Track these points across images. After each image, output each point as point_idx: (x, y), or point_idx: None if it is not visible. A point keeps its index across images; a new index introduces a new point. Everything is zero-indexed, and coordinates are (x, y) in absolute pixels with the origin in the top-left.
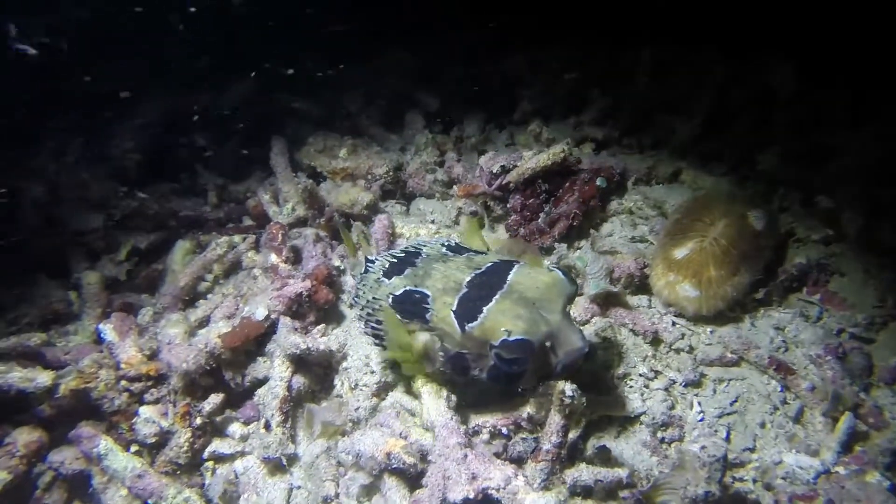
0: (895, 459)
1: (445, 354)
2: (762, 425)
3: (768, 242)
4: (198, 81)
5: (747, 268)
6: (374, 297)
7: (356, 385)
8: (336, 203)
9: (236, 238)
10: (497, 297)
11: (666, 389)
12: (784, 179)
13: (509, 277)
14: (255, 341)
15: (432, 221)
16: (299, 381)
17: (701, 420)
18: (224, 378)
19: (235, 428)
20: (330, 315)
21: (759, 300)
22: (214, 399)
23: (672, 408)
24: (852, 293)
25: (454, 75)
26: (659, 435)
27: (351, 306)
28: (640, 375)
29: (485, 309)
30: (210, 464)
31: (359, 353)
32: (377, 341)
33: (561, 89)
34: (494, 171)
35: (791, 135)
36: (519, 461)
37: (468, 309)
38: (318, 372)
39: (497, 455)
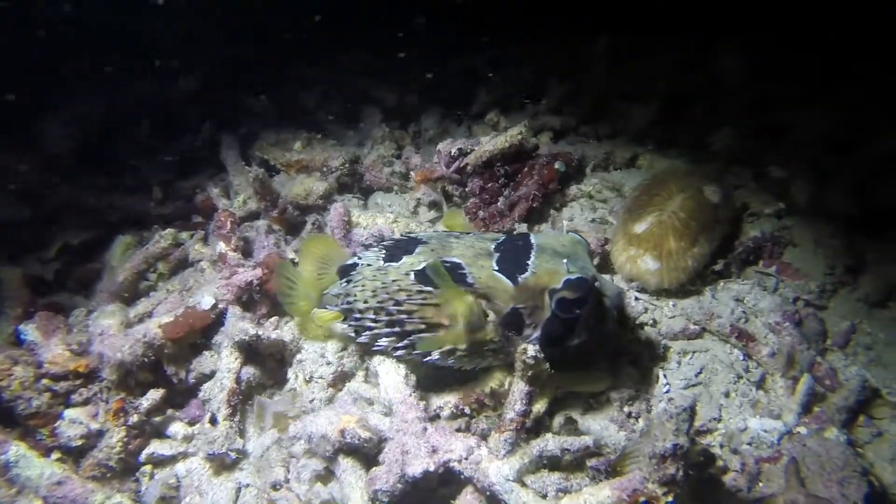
0: (851, 416)
1: (497, 315)
2: (727, 394)
3: (725, 214)
4: (144, 74)
5: (706, 239)
6: (383, 283)
7: (311, 377)
8: (290, 195)
9: (184, 234)
10: (533, 253)
11: (632, 364)
12: (737, 158)
13: (532, 240)
14: (201, 333)
15: (391, 212)
16: (249, 371)
17: (667, 392)
18: (165, 373)
19: (178, 428)
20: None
21: (718, 272)
22: (154, 395)
23: (639, 382)
24: (805, 263)
25: (413, 72)
26: (626, 409)
27: (347, 314)
28: (606, 352)
29: (529, 262)
30: (147, 468)
31: (314, 344)
32: (394, 329)
33: (519, 81)
34: (452, 154)
35: (743, 116)
36: (483, 437)
37: (512, 265)
38: (271, 365)
39: (459, 431)
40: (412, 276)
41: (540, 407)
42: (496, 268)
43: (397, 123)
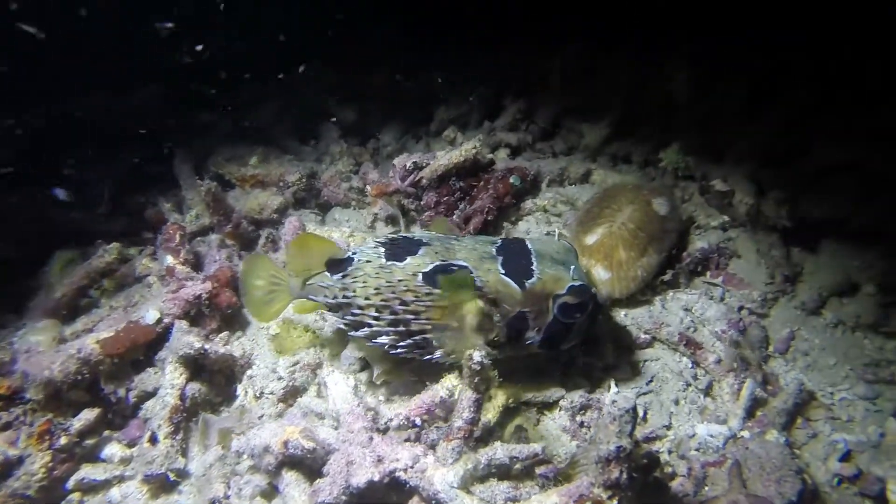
0: (790, 419)
1: (503, 318)
2: (676, 402)
3: (673, 226)
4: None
5: (655, 249)
6: (388, 282)
7: (262, 393)
8: (244, 209)
9: (132, 250)
10: (534, 259)
11: (585, 373)
12: (685, 174)
13: (529, 246)
14: (144, 349)
15: (347, 227)
16: (195, 388)
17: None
18: (103, 392)
19: (114, 450)
20: (234, 322)
21: (667, 283)
22: (87, 415)
23: (591, 391)
24: (748, 273)
25: (373, 90)
26: (578, 419)
27: (337, 308)
28: (559, 362)
29: (534, 269)
30: (76, 496)
31: (266, 360)
32: (397, 328)
33: (477, 99)
34: (408, 167)
35: (691, 133)
36: (433, 447)
37: (517, 271)
38: (219, 381)
39: (408, 441)
40: (420, 277)
41: (491, 417)
42: (503, 272)
43: (356, 140)
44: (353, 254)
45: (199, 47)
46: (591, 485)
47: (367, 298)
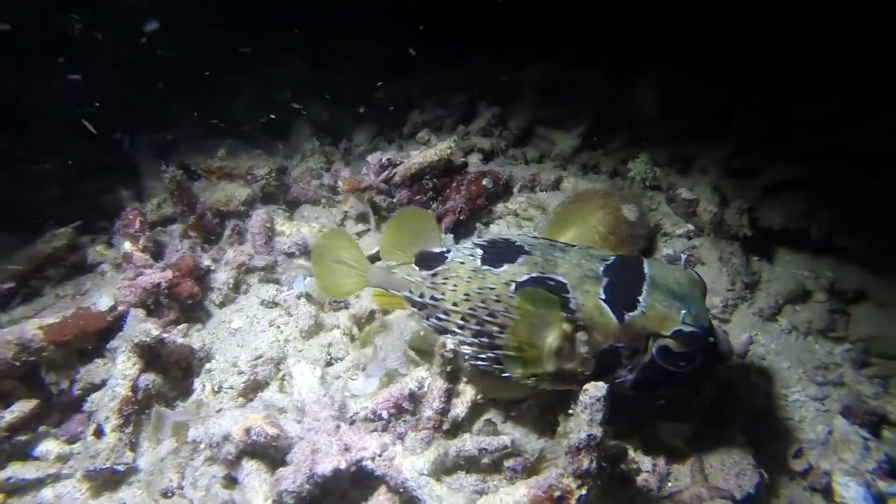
0: None
1: (592, 350)
2: None
3: (641, 232)
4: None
5: (624, 252)
6: (479, 288)
7: (221, 387)
8: (210, 200)
9: (84, 238)
10: (646, 287)
11: None
12: (652, 184)
13: (646, 270)
14: (94, 337)
15: (317, 223)
16: (149, 378)
17: None
18: (45, 382)
19: (50, 447)
20: (195, 314)
21: None
22: (22, 407)
23: (560, 391)
24: (711, 279)
25: (348, 90)
26: (546, 417)
27: (422, 307)
28: None
29: (641, 298)
30: None
31: (227, 354)
32: (480, 340)
33: (451, 105)
34: (382, 163)
35: (659, 146)
36: (401, 438)
37: (620, 298)
38: (175, 374)
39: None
40: (513, 287)
41: (460, 412)
42: (603, 297)
43: (329, 139)
44: (448, 251)
45: (149, 27)
46: (561, 475)
47: (454, 304)
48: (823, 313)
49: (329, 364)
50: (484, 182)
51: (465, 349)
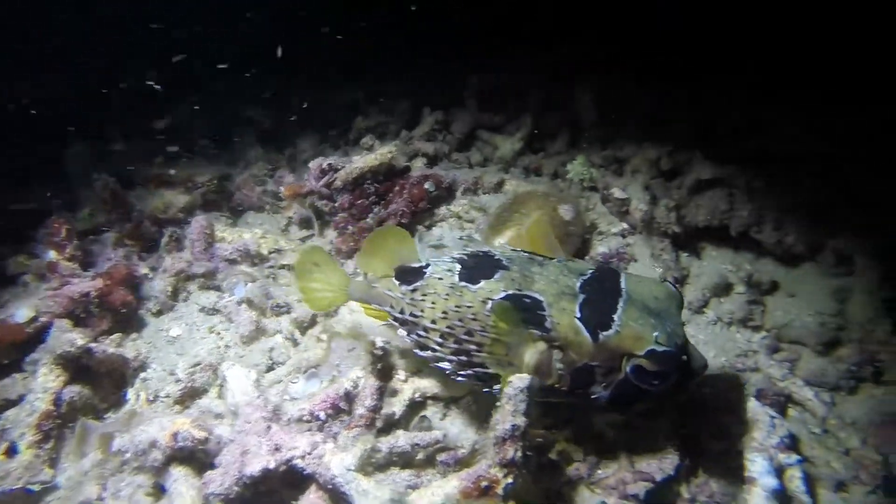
0: None
1: (567, 368)
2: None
3: (576, 230)
4: None
5: (558, 251)
6: (457, 307)
7: (156, 396)
8: (148, 208)
9: (3, 248)
10: (621, 304)
11: None
12: (589, 185)
13: (623, 286)
14: (12, 351)
15: (260, 229)
16: (74, 391)
17: None
18: None
19: None
20: (130, 324)
21: None
22: None
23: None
24: (643, 275)
25: (293, 99)
26: (484, 412)
27: (402, 323)
28: None
29: (615, 317)
30: None
31: (164, 363)
32: (459, 359)
33: (396, 112)
34: (323, 168)
35: (595, 149)
36: (335, 437)
37: (595, 316)
38: (106, 385)
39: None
40: (489, 305)
41: (397, 409)
42: (578, 315)
43: (272, 146)
44: (427, 266)
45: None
46: (489, 466)
47: (433, 322)
48: (743, 304)
49: (270, 369)
50: (426, 186)
51: (446, 365)
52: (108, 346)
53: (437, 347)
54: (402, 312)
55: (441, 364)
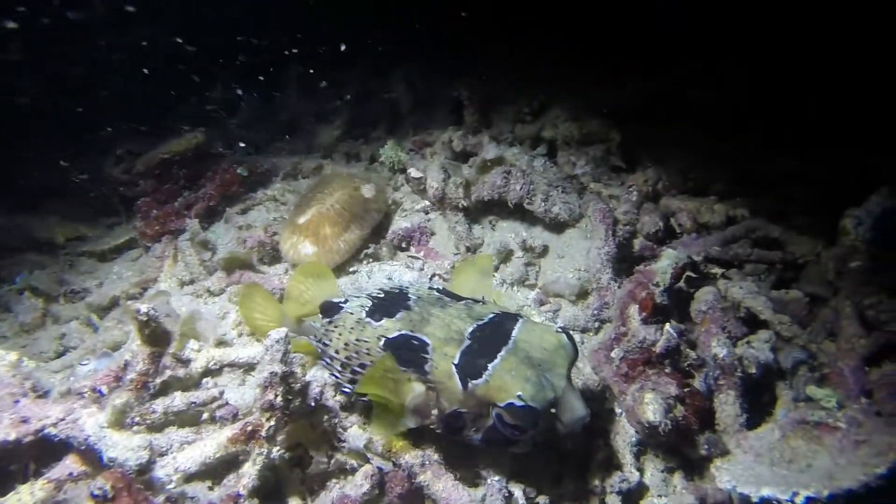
0: None
1: (440, 412)
2: None
3: (377, 207)
4: None
5: (357, 226)
6: (357, 340)
7: None
8: None
9: None
10: (503, 353)
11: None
12: (399, 168)
13: (514, 333)
14: None
15: None
16: None
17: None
18: None
19: None
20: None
21: (371, 256)
22: None
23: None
24: (442, 247)
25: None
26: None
27: (319, 349)
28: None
29: (490, 366)
30: None
31: None
32: (353, 387)
33: (216, 100)
34: (118, 154)
35: (408, 134)
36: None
37: (472, 364)
38: None
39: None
40: (382, 343)
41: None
42: (456, 361)
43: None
44: (345, 301)
45: None
46: (257, 413)
47: (336, 351)
48: (521, 266)
49: (60, 355)
50: (238, 170)
51: (346, 390)
52: None
53: (338, 374)
54: (319, 340)
55: (345, 389)
